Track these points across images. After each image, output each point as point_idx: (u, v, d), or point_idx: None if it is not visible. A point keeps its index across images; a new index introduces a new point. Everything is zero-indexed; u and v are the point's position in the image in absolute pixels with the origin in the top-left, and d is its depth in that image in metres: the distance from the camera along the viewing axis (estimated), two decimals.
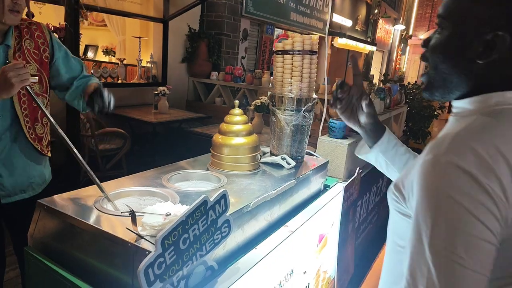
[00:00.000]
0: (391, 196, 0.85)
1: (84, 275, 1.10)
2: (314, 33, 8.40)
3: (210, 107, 5.00)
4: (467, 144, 0.63)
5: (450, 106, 0.88)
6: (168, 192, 1.36)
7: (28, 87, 1.32)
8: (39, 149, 1.60)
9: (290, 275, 1.59)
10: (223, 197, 1.14)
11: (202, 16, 5.44)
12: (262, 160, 1.84)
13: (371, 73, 10.78)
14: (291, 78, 1.78)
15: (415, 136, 4.18)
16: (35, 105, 1.54)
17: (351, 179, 2.18)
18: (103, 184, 1.34)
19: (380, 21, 12.67)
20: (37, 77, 1.51)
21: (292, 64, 1.78)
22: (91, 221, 1.11)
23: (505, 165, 0.61)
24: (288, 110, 1.81)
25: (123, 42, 6.32)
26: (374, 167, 2.93)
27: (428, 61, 0.82)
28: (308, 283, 1.81)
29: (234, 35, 5.67)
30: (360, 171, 2.35)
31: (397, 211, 0.83)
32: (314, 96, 1.85)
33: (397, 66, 16.02)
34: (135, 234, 1.05)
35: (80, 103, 1.68)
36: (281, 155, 1.84)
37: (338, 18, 9.24)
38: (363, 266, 2.80)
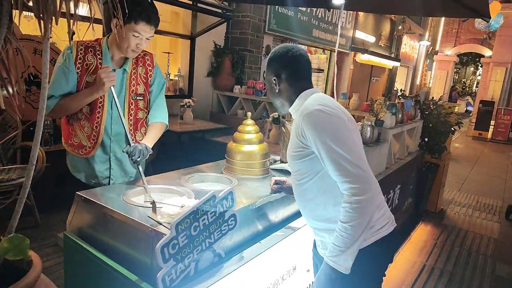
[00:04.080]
0: (293, 156, 1.38)
1: (113, 256, 1.31)
2: (338, 49, 8.56)
3: (232, 119, 5.23)
4: (314, 104, 1.29)
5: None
6: (185, 190, 1.56)
7: (112, 88, 1.67)
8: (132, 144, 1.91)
9: (293, 271, 1.75)
10: (230, 194, 1.33)
11: (227, 33, 5.74)
12: (272, 166, 2.02)
13: (394, 88, 10.78)
14: None
15: (431, 151, 4.23)
16: (138, 117, 1.90)
17: None
18: (135, 182, 1.63)
19: (405, 37, 12.67)
20: (143, 96, 1.90)
21: None
22: (119, 210, 1.32)
23: (335, 104, 1.33)
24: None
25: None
26: (387, 178, 3.07)
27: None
28: (312, 281, 1.95)
29: (257, 51, 5.93)
30: None
31: (299, 160, 1.35)
32: None
33: (423, 81, 15.85)
34: (155, 221, 1.25)
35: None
36: None
37: (361, 35, 9.37)
38: None
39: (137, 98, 1.88)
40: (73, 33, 1.98)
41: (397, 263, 3.29)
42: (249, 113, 1.96)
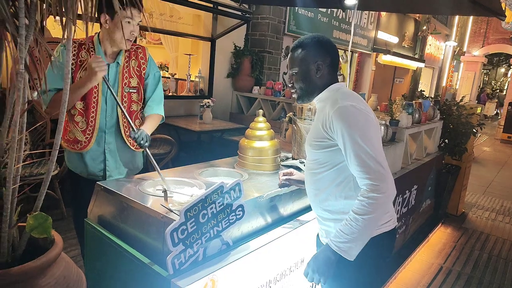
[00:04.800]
0: (314, 146, 1.43)
1: (128, 240, 1.40)
2: (358, 50, 8.52)
3: (251, 119, 5.29)
4: (347, 99, 1.34)
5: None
6: (197, 182, 1.65)
7: (104, 78, 1.70)
8: (130, 145, 1.98)
9: (300, 263, 1.80)
10: (238, 185, 1.40)
11: (247, 35, 5.83)
12: (283, 163, 2.08)
13: (418, 90, 10.55)
14: None
15: (451, 152, 4.15)
16: (131, 109, 1.93)
17: None
18: (150, 174, 1.72)
19: (430, 38, 12.39)
20: (136, 88, 1.93)
21: None
22: (135, 198, 1.42)
23: (358, 99, 1.38)
24: (307, 119, 2.04)
25: (176, 59, 6.91)
26: (402, 178, 3.06)
27: (295, 87, 1.49)
28: None
29: (276, 52, 5.99)
30: None
31: (319, 150, 1.41)
32: None
33: (449, 83, 15.41)
34: (166, 209, 1.34)
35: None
36: (300, 159, 2.06)
37: (383, 35, 9.25)
38: (384, 274, 2.88)
39: (130, 90, 1.91)
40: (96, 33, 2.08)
41: (413, 264, 3.26)
42: (260, 111, 2.03)
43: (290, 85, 1.51)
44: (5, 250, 1.02)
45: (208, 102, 4.61)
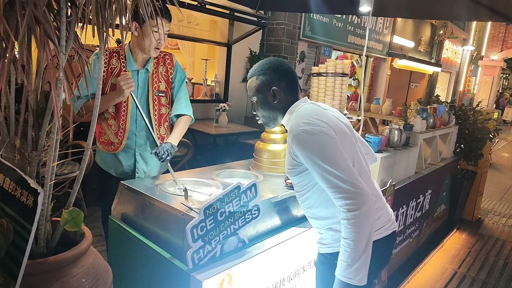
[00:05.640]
0: (290, 172, 1.45)
1: (150, 236, 1.49)
2: (373, 54, 8.51)
3: None
4: (300, 123, 1.32)
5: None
6: (215, 182, 1.72)
7: (132, 93, 1.86)
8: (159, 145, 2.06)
9: (313, 263, 1.85)
10: (254, 185, 1.47)
11: (263, 40, 5.92)
12: None
13: (435, 94, 10.42)
14: (324, 97, 2.08)
15: (466, 158, 4.13)
16: (161, 112, 2.03)
17: (382, 189, 2.37)
18: (169, 175, 1.80)
19: (447, 42, 12.25)
20: (165, 92, 2.03)
21: (325, 84, 2.07)
22: (157, 197, 1.50)
23: (321, 117, 1.34)
24: None
25: (192, 63, 7.04)
26: (416, 182, 3.06)
27: (258, 115, 1.52)
28: None
29: (292, 57, 6.06)
30: (393, 184, 2.52)
31: (297, 175, 1.42)
32: (345, 112, 2.12)
33: (467, 88, 15.18)
34: (186, 207, 1.42)
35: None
36: None
37: (399, 40, 9.20)
38: (397, 278, 2.89)
39: (160, 94, 2.01)
40: (119, 42, 2.21)
41: (426, 268, 3.26)
42: None
43: (254, 113, 1.53)
44: (42, 241, 1.11)
45: (224, 106, 4.71)
